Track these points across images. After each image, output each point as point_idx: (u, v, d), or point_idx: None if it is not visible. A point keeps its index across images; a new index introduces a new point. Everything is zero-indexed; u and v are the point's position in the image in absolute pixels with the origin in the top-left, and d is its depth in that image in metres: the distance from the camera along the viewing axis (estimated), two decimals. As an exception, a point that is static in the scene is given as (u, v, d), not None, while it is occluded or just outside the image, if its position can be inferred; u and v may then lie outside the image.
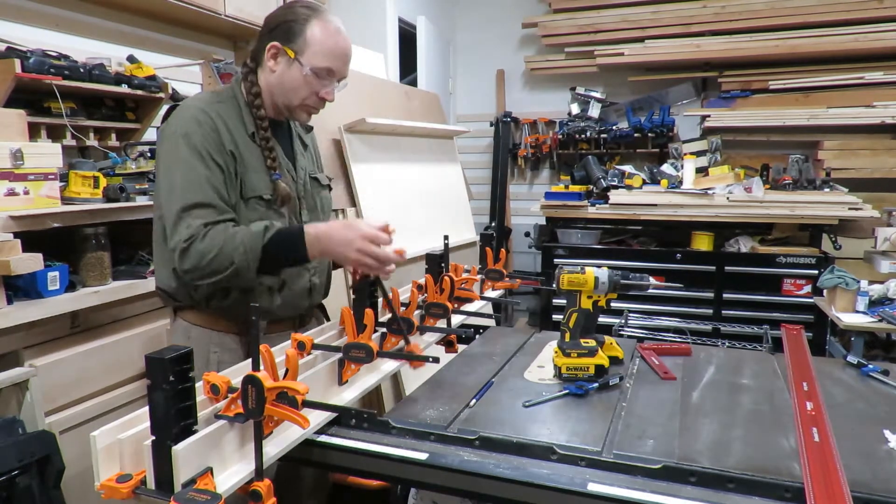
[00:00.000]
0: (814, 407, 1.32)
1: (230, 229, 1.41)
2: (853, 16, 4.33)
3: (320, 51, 1.49)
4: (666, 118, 4.81)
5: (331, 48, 1.50)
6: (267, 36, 1.52)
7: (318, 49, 1.49)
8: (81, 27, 2.46)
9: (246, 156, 1.51)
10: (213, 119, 1.47)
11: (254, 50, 1.57)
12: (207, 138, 1.44)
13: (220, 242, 1.38)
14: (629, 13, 4.87)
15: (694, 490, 1.05)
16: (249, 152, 1.52)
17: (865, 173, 4.33)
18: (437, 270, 1.72)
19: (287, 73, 1.51)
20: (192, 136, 1.43)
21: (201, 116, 1.46)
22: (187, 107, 1.50)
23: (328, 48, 1.50)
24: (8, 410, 1.64)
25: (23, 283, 1.72)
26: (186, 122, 1.45)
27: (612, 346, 1.63)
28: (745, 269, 3.95)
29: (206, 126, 1.45)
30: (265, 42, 1.52)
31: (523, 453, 1.16)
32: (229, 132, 1.49)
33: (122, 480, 0.93)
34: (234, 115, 1.53)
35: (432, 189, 3.42)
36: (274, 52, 1.50)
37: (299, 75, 1.50)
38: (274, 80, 1.53)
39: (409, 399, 1.43)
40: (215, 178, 1.44)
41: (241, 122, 1.53)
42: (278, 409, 1.02)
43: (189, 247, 1.38)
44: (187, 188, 1.41)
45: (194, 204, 1.41)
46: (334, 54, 1.51)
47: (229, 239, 1.39)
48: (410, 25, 4.57)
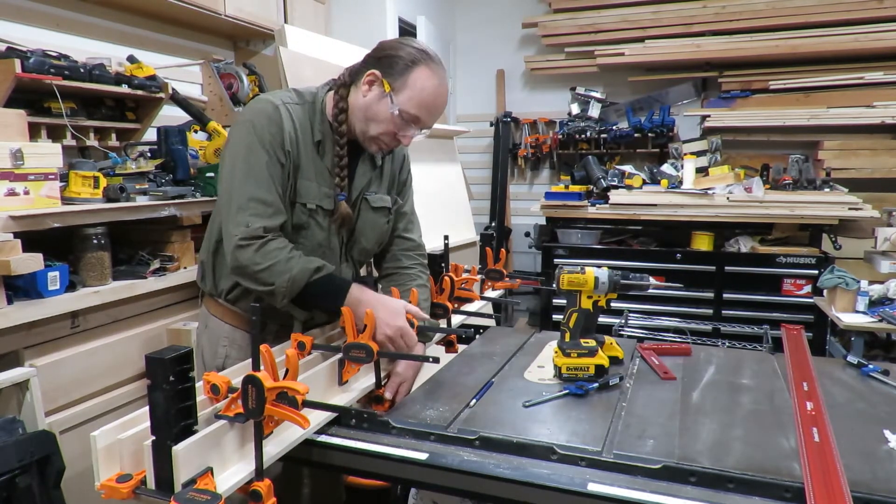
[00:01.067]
0: (814, 407, 1.32)
1: (288, 251, 1.44)
2: (853, 16, 4.33)
3: (415, 98, 1.48)
4: (666, 118, 4.81)
5: (425, 100, 1.49)
6: (372, 61, 1.51)
7: (414, 96, 1.48)
8: (81, 27, 2.46)
9: (303, 162, 1.52)
10: (282, 117, 1.48)
11: (355, 68, 1.55)
12: (274, 134, 1.46)
13: (273, 260, 1.41)
14: (629, 13, 4.87)
15: (694, 490, 1.06)
16: (308, 159, 1.52)
17: (865, 173, 4.33)
18: (438, 270, 1.73)
19: (376, 104, 1.49)
20: (259, 127, 1.45)
21: (273, 112, 1.47)
22: (264, 99, 1.52)
23: (423, 99, 1.49)
24: (8, 410, 1.64)
25: (23, 283, 1.72)
26: (257, 113, 1.48)
27: (612, 346, 1.63)
28: (745, 269, 3.95)
29: (274, 123, 1.47)
30: (367, 66, 1.51)
31: (523, 453, 1.16)
32: (295, 135, 1.50)
33: (122, 480, 0.93)
34: (307, 120, 1.54)
35: (432, 189, 3.42)
36: (371, 79, 1.49)
37: (386, 111, 1.48)
38: (361, 105, 1.51)
39: (409, 399, 1.43)
40: (275, 172, 1.46)
41: (310, 127, 1.54)
42: (278, 409, 1.02)
43: (246, 247, 1.42)
44: (249, 175, 1.44)
45: (254, 197, 1.43)
46: (427, 107, 1.51)
47: (283, 262, 1.41)
48: (410, 25, 4.57)
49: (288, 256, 1.43)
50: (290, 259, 1.42)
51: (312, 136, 1.54)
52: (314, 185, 1.53)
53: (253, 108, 1.51)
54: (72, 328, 1.88)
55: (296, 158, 1.50)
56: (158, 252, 2.15)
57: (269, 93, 1.59)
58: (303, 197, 1.52)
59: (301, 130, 1.51)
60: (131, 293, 1.99)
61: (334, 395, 1.34)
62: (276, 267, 1.41)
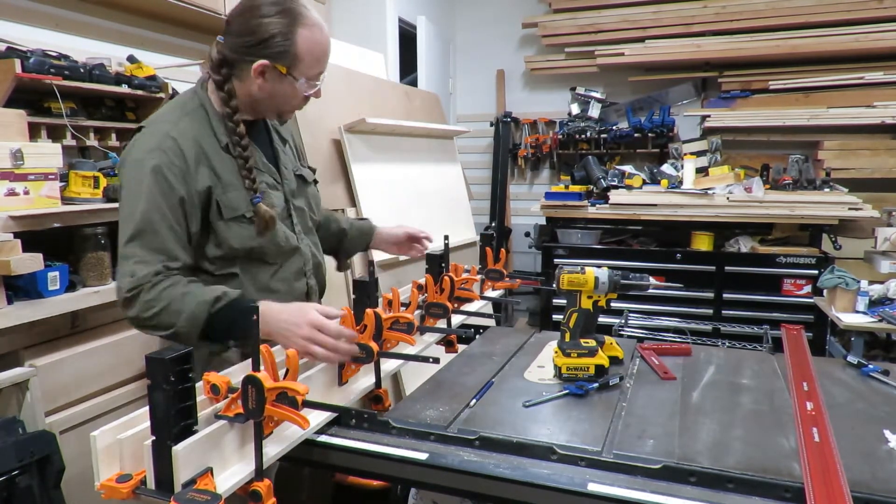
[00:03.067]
0: (814, 407, 1.32)
1: (181, 287, 1.30)
2: (853, 16, 4.33)
3: (312, 60, 1.41)
4: (666, 118, 4.81)
5: (320, 54, 1.43)
6: (246, 51, 1.38)
7: (310, 59, 1.41)
8: (81, 27, 2.46)
9: (222, 173, 1.40)
10: (179, 144, 1.35)
11: (224, 59, 1.41)
12: (172, 167, 1.33)
13: (168, 299, 1.28)
14: (629, 13, 4.87)
15: (694, 490, 1.05)
16: (224, 167, 1.41)
17: (865, 173, 4.33)
18: (437, 270, 1.73)
19: (279, 87, 1.42)
20: (154, 164, 1.32)
21: (167, 143, 1.34)
22: (152, 132, 1.38)
23: (319, 55, 1.43)
24: (8, 410, 1.64)
25: (23, 283, 1.72)
26: (151, 150, 1.34)
27: (612, 346, 1.63)
28: (745, 269, 3.95)
29: (172, 152, 1.34)
30: (244, 57, 1.39)
31: (523, 453, 1.16)
32: (201, 151, 1.38)
33: (122, 480, 0.93)
34: (205, 128, 1.42)
35: (432, 189, 3.42)
36: (261, 69, 1.38)
37: (292, 87, 1.42)
38: (262, 95, 1.43)
39: (409, 399, 1.43)
40: (175, 220, 1.33)
41: (211, 134, 1.42)
42: (278, 409, 1.02)
43: (134, 297, 1.29)
44: (142, 224, 1.31)
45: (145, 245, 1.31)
46: (322, 58, 1.44)
47: (177, 299, 1.28)
48: (410, 25, 4.57)
49: (183, 292, 1.29)
50: (186, 294, 1.28)
51: (218, 142, 1.42)
52: (241, 193, 1.42)
53: (145, 145, 1.35)
54: (72, 328, 1.88)
55: (212, 178, 1.38)
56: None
57: (151, 119, 1.44)
58: (235, 209, 1.41)
59: (204, 143, 1.40)
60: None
61: (334, 395, 1.34)
62: (171, 307, 1.27)
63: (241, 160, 1.42)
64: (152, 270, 1.29)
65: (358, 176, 2.83)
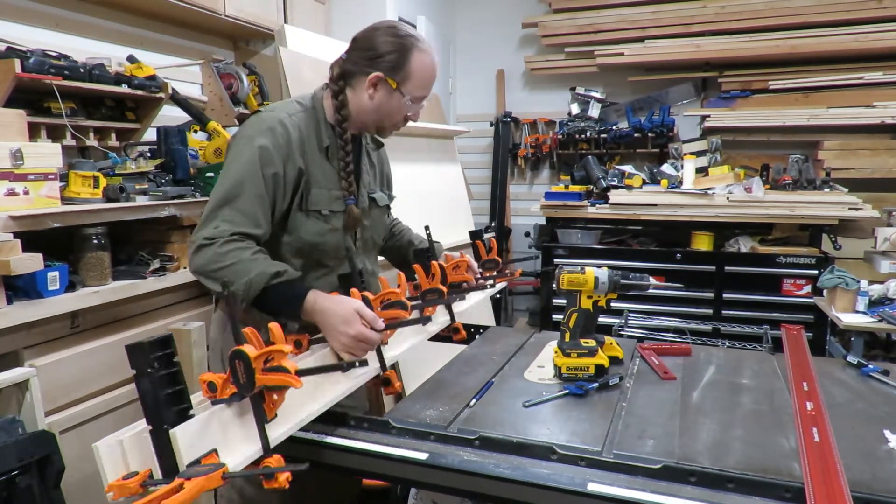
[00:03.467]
0: (814, 407, 1.32)
1: (251, 253, 1.40)
2: (853, 16, 4.32)
3: (420, 82, 1.55)
4: (666, 118, 4.81)
5: (428, 79, 1.57)
6: (367, 63, 1.53)
7: (419, 80, 1.54)
8: (81, 27, 2.46)
9: (314, 171, 1.54)
10: (289, 129, 1.50)
11: (344, 70, 1.57)
12: (278, 148, 1.47)
13: (235, 260, 1.38)
14: (629, 13, 4.87)
15: (694, 490, 1.06)
16: (318, 167, 1.55)
17: (865, 173, 4.33)
18: (426, 263, 1.68)
19: (387, 102, 1.55)
20: (262, 142, 1.46)
21: (278, 127, 1.49)
22: (267, 114, 1.53)
23: (427, 79, 1.56)
24: (8, 410, 1.64)
25: (23, 283, 1.72)
26: (262, 129, 1.48)
27: (612, 346, 1.63)
28: (745, 269, 3.95)
29: (280, 136, 1.48)
30: (363, 69, 1.54)
31: (523, 453, 1.16)
32: (302, 145, 1.53)
33: (128, 478, 0.93)
34: (312, 128, 1.56)
35: (432, 189, 3.42)
36: (375, 81, 1.53)
37: (398, 104, 1.55)
38: (370, 107, 1.56)
39: (409, 399, 1.43)
40: (266, 190, 1.45)
41: (316, 136, 1.56)
42: (270, 377, 1.02)
43: (208, 246, 1.39)
44: (235, 188, 1.43)
45: (232, 206, 1.42)
46: (430, 82, 1.58)
47: (245, 263, 1.38)
48: (410, 25, 4.57)
49: (251, 258, 1.39)
50: (253, 261, 1.38)
51: (320, 143, 1.56)
52: (325, 192, 1.56)
53: (257, 123, 1.51)
54: (72, 328, 1.88)
55: (306, 169, 1.52)
56: (158, 252, 2.15)
57: (271, 105, 1.62)
58: (316, 205, 1.55)
59: (308, 139, 1.54)
60: (131, 293, 1.99)
61: (338, 382, 1.32)
62: (236, 266, 1.37)
63: (342, 163, 1.56)
64: (234, 230, 1.40)
65: (358, 176, 2.82)
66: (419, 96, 1.57)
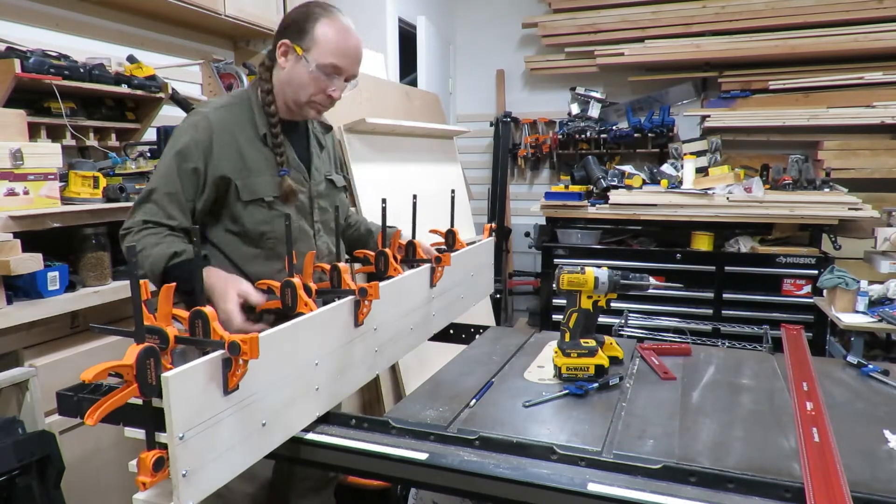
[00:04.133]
0: (814, 407, 1.32)
1: (158, 238, 1.45)
2: (853, 16, 4.33)
3: (327, 49, 1.53)
4: (666, 118, 4.81)
5: (337, 46, 1.54)
6: (279, 34, 1.58)
7: (325, 47, 1.53)
8: (81, 27, 2.46)
9: (250, 160, 1.55)
10: (212, 123, 1.52)
11: (270, 49, 1.61)
12: (198, 144, 1.50)
13: (143, 246, 1.44)
14: (629, 13, 4.87)
15: (694, 490, 1.05)
16: (255, 156, 1.56)
17: (865, 173, 4.33)
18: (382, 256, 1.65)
19: (295, 70, 1.55)
20: (182, 141, 1.50)
21: (202, 123, 1.51)
22: (195, 111, 1.56)
23: (335, 46, 1.54)
24: (8, 410, 1.64)
25: (23, 283, 1.72)
26: (186, 127, 1.53)
27: (612, 346, 1.63)
28: (745, 269, 3.95)
29: (202, 131, 1.51)
30: (276, 41, 1.57)
31: (523, 453, 1.16)
32: (232, 137, 1.53)
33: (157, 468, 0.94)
34: (245, 118, 1.57)
35: (432, 189, 3.41)
36: (284, 49, 1.55)
37: (305, 72, 1.54)
38: (284, 78, 1.57)
39: (409, 399, 1.43)
40: (182, 186, 1.50)
41: (251, 124, 1.57)
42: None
43: (125, 235, 1.48)
44: (153, 183, 1.50)
45: (152, 200, 1.49)
46: (340, 52, 1.54)
47: (150, 248, 1.43)
48: (410, 25, 4.56)
49: (156, 242, 1.44)
50: (157, 245, 1.43)
51: (256, 132, 1.58)
52: (266, 179, 1.56)
53: (184, 122, 1.56)
54: (72, 328, 1.88)
55: (236, 162, 1.53)
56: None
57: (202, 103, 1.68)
58: (256, 193, 1.55)
59: (239, 132, 1.55)
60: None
61: (351, 332, 1.33)
62: (144, 252, 1.43)
63: (273, 138, 1.57)
64: (143, 219, 1.47)
65: (358, 176, 2.83)
66: (328, 64, 1.53)
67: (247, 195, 1.54)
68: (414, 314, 1.63)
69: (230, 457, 1.01)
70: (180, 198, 1.50)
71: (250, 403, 1.05)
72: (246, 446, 1.04)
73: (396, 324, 1.53)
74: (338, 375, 1.30)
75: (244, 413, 1.03)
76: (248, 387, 1.03)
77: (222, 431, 0.99)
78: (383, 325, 1.46)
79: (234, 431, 1.01)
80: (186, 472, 0.91)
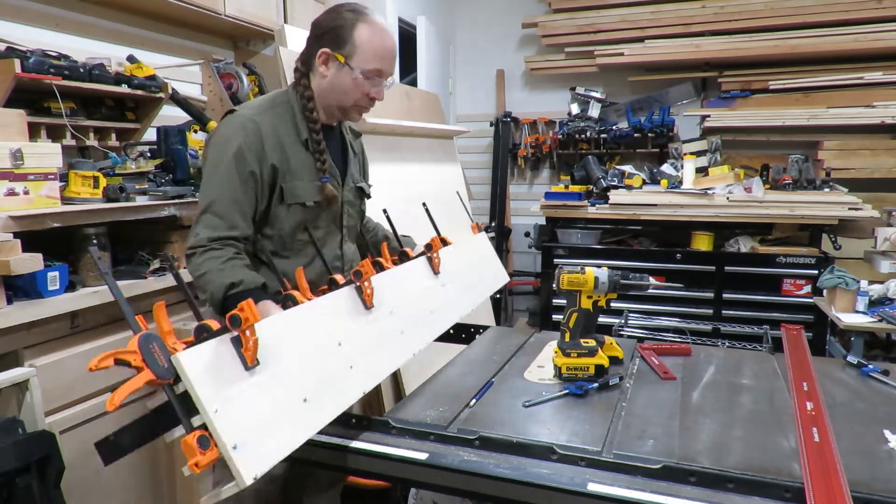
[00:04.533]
0: (814, 407, 1.32)
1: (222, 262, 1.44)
2: (853, 16, 4.33)
3: (369, 54, 1.55)
4: (666, 118, 4.81)
5: (378, 50, 1.56)
6: (316, 42, 1.58)
7: (367, 52, 1.54)
8: (81, 27, 2.45)
9: (293, 163, 1.56)
10: (260, 127, 1.53)
11: (303, 55, 1.62)
12: (250, 147, 1.50)
13: (206, 270, 1.44)
14: (629, 13, 4.87)
15: (694, 490, 1.06)
16: (298, 159, 1.58)
17: (865, 173, 4.33)
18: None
19: (338, 78, 1.56)
20: (235, 144, 1.49)
21: (249, 125, 1.52)
22: (238, 115, 1.55)
23: (375, 50, 1.55)
24: (8, 410, 1.63)
25: (23, 283, 1.72)
26: (234, 130, 1.51)
27: (612, 346, 1.63)
28: (745, 269, 3.95)
29: (252, 134, 1.51)
30: (314, 48, 1.58)
31: (523, 453, 1.16)
32: (278, 139, 1.55)
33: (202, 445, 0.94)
34: (288, 121, 1.59)
35: (432, 189, 3.41)
36: (324, 57, 1.56)
37: (349, 79, 1.56)
38: (326, 85, 1.59)
39: (409, 399, 1.43)
40: (244, 191, 1.50)
41: (293, 127, 1.59)
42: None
43: (191, 256, 1.47)
44: (212, 193, 1.49)
45: (213, 211, 1.48)
46: (381, 55, 1.56)
47: (211, 273, 1.43)
48: (410, 25, 4.57)
49: (219, 267, 1.43)
50: (220, 271, 1.42)
51: (298, 136, 1.59)
52: (308, 184, 1.58)
53: (228, 125, 1.54)
54: (71, 328, 1.87)
55: (282, 164, 1.54)
56: (158, 252, 2.14)
57: (240, 106, 1.64)
58: (298, 197, 1.57)
59: (283, 134, 1.56)
60: (131, 293, 1.99)
61: (360, 317, 1.37)
62: (206, 276, 1.43)
63: (315, 144, 1.58)
64: (211, 236, 1.46)
65: (358, 176, 2.83)
66: (371, 69, 1.56)
67: (290, 198, 1.56)
68: (428, 299, 1.68)
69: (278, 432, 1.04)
70: (242, 204, 1.50)
71: (284, 380, 1.09)
72: (292, 421, 1.08)
73: (411, 308, 1.57)
74: (369, 355, 1.35)
75: (279, 390, 1.07)
76: (274, 363, 1.08)
77: (259, 406, 1.02)
78: (398, 308, 1.50)
79: (273, 407, 1.05)
80: (237, 446, 0.94)
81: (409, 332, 1.52)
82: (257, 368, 1.04)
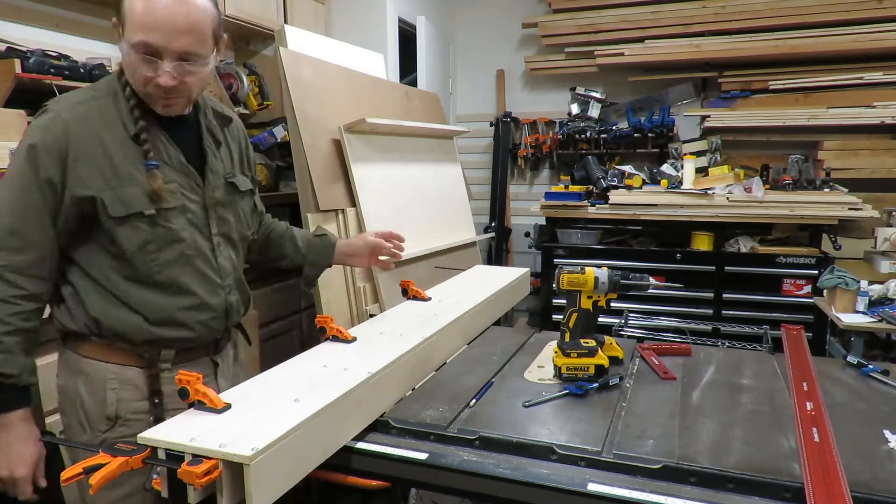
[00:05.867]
0: (814, 407, 1.32)
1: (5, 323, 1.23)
2: (853, 16, 4.33)
3: (136, 22, 1.21)
4: (666, 118, 4.81)
5: (144, 16, 1.21)
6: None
7: (134, 21, 1.22)
8: (81, 27, 2.46)
9: (121, 165, 1.27)
10: (67, 127, 1.25)
11: None
12: (51, 152, 1.23)
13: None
14: (629, 13, 4.87)
15: (694, 490, 1.06)
16: (128, 159, 1.28)
17: (865, 173, 4.33)
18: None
19: (125, 55, 1.26)
20: (36, 148, 1.23)
21: (55, 125, 1.25)
22: (47, 110, 1.28)
23: (141, 17, 1.21)
24: (8, 410, 1.63)
25: (23, 283, 1.71)
26: (37, 130, 1.25)
27: (612, 346, 1.63)
28: (745, 269, 3.95)
29: (55, 135, 1.24)
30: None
31: (523, 453, 1.16)
32: (97, 139, 1.27)
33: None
34: (112, 116, 1.29)
35: (432, 189, 3.42)
36: (114, 26, 1.28)
37: (129, 55, 1.25)
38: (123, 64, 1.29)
39: (409, 399, 1.43)
40: (42, 205, 1.25)
41: (120, 122, 1.30)
42: None
43: None
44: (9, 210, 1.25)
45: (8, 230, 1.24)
46: (148, 24, 1.21)
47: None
48: (410, 25, 4.57)
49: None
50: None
51: (126, 131, 1.29)
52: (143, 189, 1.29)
53: (35, 124, 1.27)
54: (72, 328, 1.87)
55: (101, 172, 1.26)
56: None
57: (59, 97, 1.36)
58: (130, 206, 1.27)
59: (104, 132, 1.27)
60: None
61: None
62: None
63: (136, 122, 1.29)
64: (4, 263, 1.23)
65: (358, 176, 2.82)
66: (138, 42, 1.21)
67: (120, 210, 1.26)
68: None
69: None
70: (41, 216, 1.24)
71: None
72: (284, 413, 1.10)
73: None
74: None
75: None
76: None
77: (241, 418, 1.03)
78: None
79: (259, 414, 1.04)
80: (224, 444, 0.97)
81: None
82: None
